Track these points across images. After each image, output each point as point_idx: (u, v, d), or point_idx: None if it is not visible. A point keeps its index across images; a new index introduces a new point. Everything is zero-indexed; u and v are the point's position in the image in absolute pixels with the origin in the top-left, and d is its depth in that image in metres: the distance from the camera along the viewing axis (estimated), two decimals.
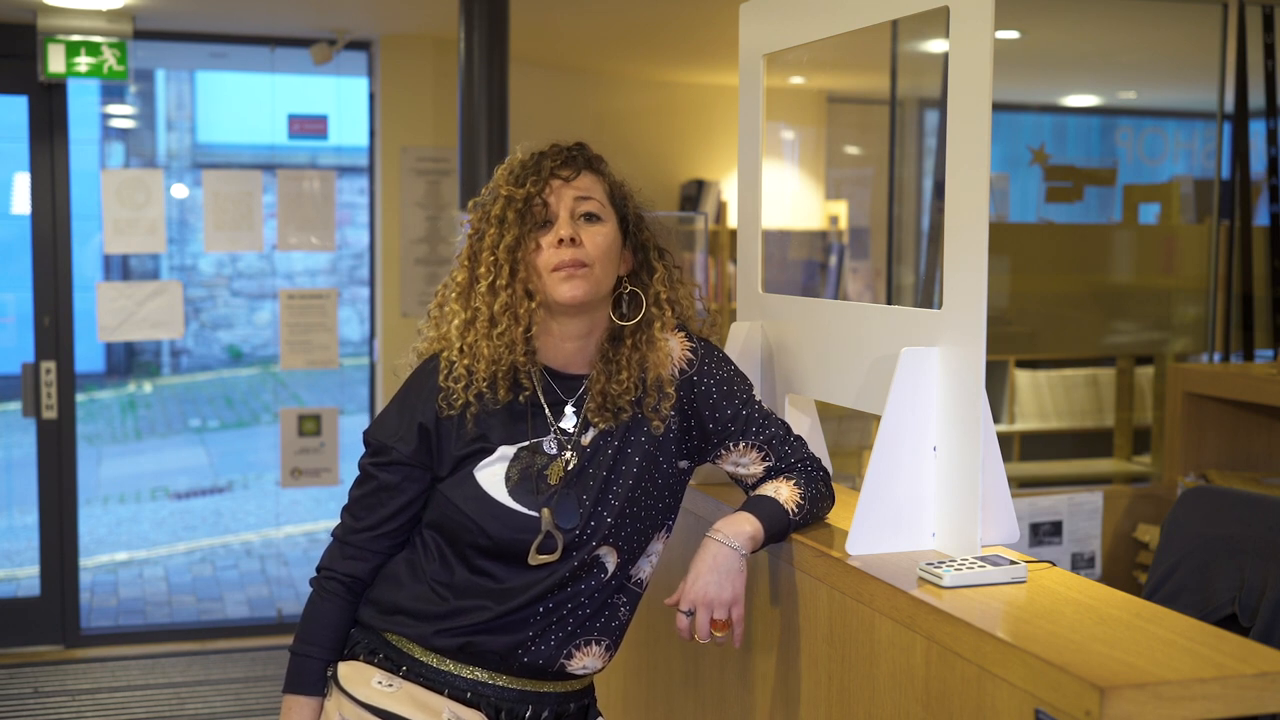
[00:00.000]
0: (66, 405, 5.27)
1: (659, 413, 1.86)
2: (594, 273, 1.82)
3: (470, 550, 1.82)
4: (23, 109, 5.23)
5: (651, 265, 1.92)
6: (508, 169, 1.89)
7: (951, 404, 1.79)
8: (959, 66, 1.75)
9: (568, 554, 1.81)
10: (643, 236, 1.93)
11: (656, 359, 1.87)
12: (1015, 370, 5.52)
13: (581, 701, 1.94)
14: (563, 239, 1.81)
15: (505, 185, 1.85)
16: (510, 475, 1.82)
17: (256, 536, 7.84)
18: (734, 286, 5.48)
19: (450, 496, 1.83)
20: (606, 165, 1.93)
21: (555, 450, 1.84)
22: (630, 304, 1.90)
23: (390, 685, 1.83)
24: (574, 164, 1.86)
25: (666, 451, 1.88)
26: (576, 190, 1.85)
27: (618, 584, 1.88)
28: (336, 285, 12.88)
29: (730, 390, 1.91)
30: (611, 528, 1.83)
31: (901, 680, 1.64)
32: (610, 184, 1.91)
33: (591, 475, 1.84)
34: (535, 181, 1.83)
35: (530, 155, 1.88)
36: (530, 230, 1.83)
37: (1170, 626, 1.49)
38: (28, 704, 4.68)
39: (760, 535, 1.81)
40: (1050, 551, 3.43)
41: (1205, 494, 2.63)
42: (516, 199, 1.83)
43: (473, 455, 1.84)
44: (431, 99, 5.74)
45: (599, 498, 1.83)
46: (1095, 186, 5.07)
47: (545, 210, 1.83)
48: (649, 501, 1.87)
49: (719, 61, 6.31)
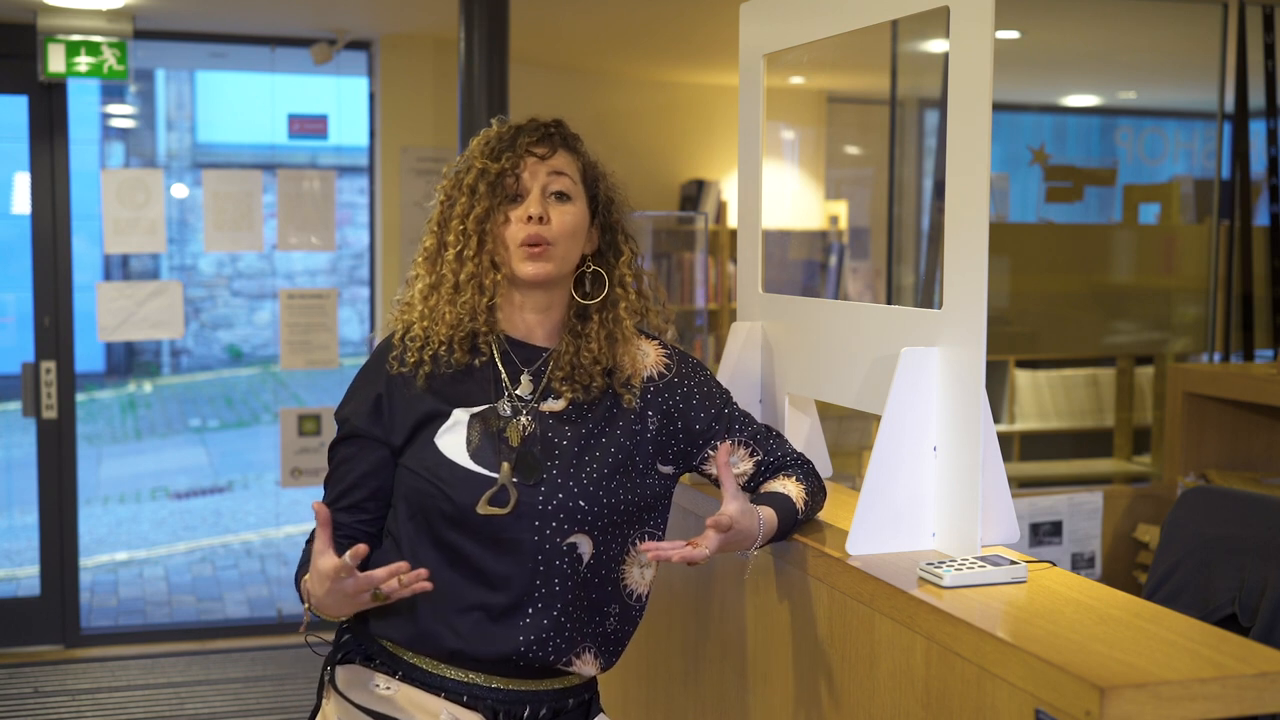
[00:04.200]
0: (66, 405, 5.27)
1: (630, 388, 1.88)
2: (557, 251, 1.85)
3: (440, 521, 1.80)
4: (23, 109, 5.23)
5: (619, 247, 1.95)
6: (484, 140, 1.91)
7: (951, 404, 1.79)
8: (959, 66, 1.75)
9: (529, 524, 1.78)
10: (612, 218, 1.95)
11: (624, 337, 1.89)
12: (1015, 370, 5.52)
13: (581, 697, 1.92)
14: (531, 216, 1.84)
15: (480, 157, 1.88)
16: (471, 439, 1.82)
17: (256, 536, 7.85)
18: (734, 286, 5.48)
19: (412, 466, 1.82)
20: (582, 144, 1.95)
21: (509, 414, 1.84)
22: (593, 283, 1.93)
23: (388, 689, 1.82)
24: (550, 142, 1.89)
25: (644, 451, 1.88)
26: (550, 167, 1.87)
27: (601, 581, 1.85)
28: (336, 285, 12.88)
29: (710, 391, 1.94)
30: (585, 512, 1.81)
31: (901, 680, 1.64)
32: (584, 163, 1.93)
33: (558, 446, 1.83)
34: (510, 157, 1.86)
35: (508, 128, 1.90)
36: (500, 203, 1.85)
37: (1170, 626, 1.49)
38: (28, 704, 4.68)
39: (773, 522, 1.82)
40: (1050, 551, 3.43)
41: (1205, 494, 2.63)
42: (490, 172, 1.85)
43: (430, 421, 1.84)
44: (431, 99, 5.74)
45: (570, 474, 1.81)
46: (1095, 186, 5.07)
47: (517, 184, 1.86)
48: (625, 495, 1.84)
49: (719, 61, 6.31)
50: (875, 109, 6.76)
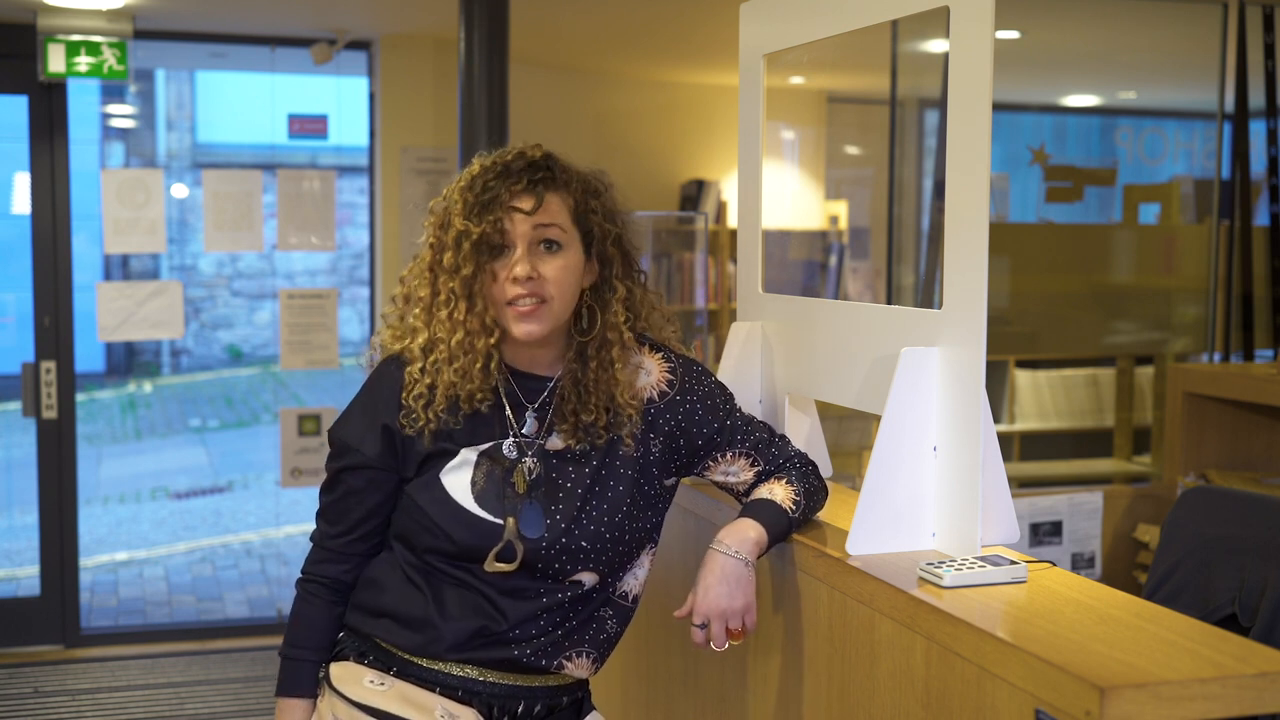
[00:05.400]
0: (66, 405, 5.27)
1: (630, 425, 1.84)
2: (552, 309, 1.78)
3: (440, 559, 1.81)
4: (23, 109, 5.22)
5: (613, 284, 1.86)
6: (466, 185, 1.80)
7: (951, 404, 1.79)
8: (959, 66, 1.75)
9: (533, 566, 1.79)
10: (608, 252, 1.86)
11: (620, 378, 1.83)
12: (1015, 370, 5.52)
13: (574, 695, 1.94)
14: (517, 277, 1.76)
15: (460, 216, 1.78)
16: (476, 481, 1.81)
17: (256, 536, 7.84)
18: (734, 286, 5.48)
19: (417, 499, 1.81)
20: (573, 175, 1.84)
21: (515, 455, 1.82)
22: (589, 319, 1.86)
23: (382, 684, 1.83)
24: (534, 192, 1.78)
25: (649, 475, 1.87)
26: (536, 220, 1.77)
27: (601, 598, 1.87)
28: (336, 285, 12.88)
29: (713, 404, 1.91)
30: (588, 552, 1.81)
31: (901, 680, 1.64)
32: (576, 199, 1.82)
33: (563, 489, 1.82)
34: (493, 218, 1.76)
35: (491, 174, 1.79)
36: (487, 260, 1.77)
37: (1170, 626, 1.49)
38: (28, 704, 4.68)
39: (764, 539, 1.81)
40: (1050, 551, 3.43)
41: (1205, 494, 2.63)
42: (472, 234, 1.76)
43: (437, 457, 1.82)
44: (431, 99, 5.74)
45: (574, 518, 1.81)
46: (1095, 186, 5.07)
47: (502, 238, 1.78)
48: (632, 525, 1.85)
49: (719, 61, 6.31)
50: (875, 109, 6.76)
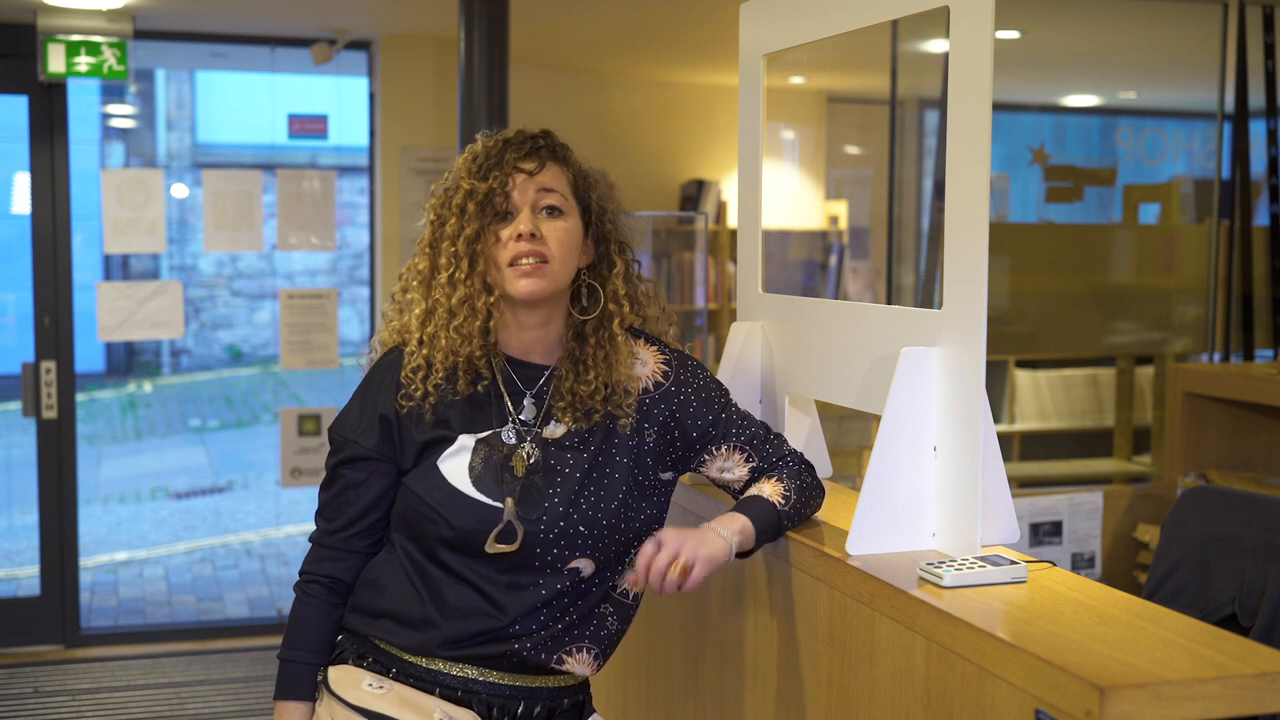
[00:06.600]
0: (66, 405, 5.27)
1: (625, 410, 1.86)
2: (553, 268, 1.81)
3: (439, 545, 1.81)
4: (23, 109, 5.22)
5: (611, 259, 1.91)
6: (470, 157, 1.87)
7: (951, 404, 1.79)
8: (959, 66, 1.75)
9: (530, 550, 1.79)
10: (605, 229, 1.91)
11: (619, 356, 1.86)
12: (1015, 370, 5.52)
13: (576, 697, 1.93)
14: (521, 234, 1.80)
15: (467, 176, 1.84)
16: (474, 466, 1.81)
17: (256, 536, 7.84)
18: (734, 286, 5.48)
19: (414, 488, 1.82)
20: (572, 154, 1.90)
21: (514, 441, 1.83)
22: (589, 297, 1.90)
23: (381, 687, 1.82)
24: (537, 156, 1.84)
25: (644, 465, 1.88)
26: (539, 183, 1.83)
27: (600, 592, 1.87)
28: (336, 285, 12.88)
29: (708, 397, 1.92)
30: (586, 538, 1.82)
31: (901, 680, 1.64)
32: (575, 174, 1.89)
33: (560, 474, 1.83)
34: (498, 175, 1.82)
35: (495, 143, 1.86)
36: (490, 222, 1.82)
37: (1170, 626, 1.49)
38: (28, 704, 4.68)
39: (749, 529, 1.81)
40: (1050, 551, 3.43)
41: (1205, 494, 2.63)
42: (478, 192, 1.81)
43: (435, 444, 1.83)
44: (431, 99, 5.74)
45: (572, 502, 1.81)
46: (1095, 186, 5.07)
47: (506, 202, 1.82)
48: (629, 514, 1.85)
49: (719, 61, 6.31)
50: (875, 109, 6.77)
